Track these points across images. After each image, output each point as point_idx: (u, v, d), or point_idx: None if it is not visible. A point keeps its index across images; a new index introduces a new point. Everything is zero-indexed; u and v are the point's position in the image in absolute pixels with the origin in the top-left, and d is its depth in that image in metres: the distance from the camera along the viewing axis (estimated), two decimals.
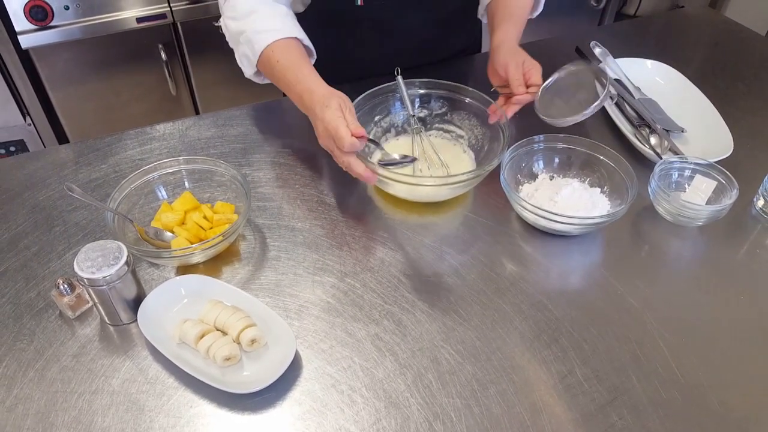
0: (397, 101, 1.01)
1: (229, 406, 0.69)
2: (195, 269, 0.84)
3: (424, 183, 0.90)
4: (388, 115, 1.02)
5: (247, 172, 0.99)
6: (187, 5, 1.79)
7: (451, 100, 1.01)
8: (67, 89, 1.85)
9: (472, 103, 0.99)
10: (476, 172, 0.86)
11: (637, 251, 0.88)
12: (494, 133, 0.96)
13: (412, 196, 0.92)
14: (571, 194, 0.90)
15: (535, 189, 0.93)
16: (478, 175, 0.87)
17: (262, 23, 0.91)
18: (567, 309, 0.79)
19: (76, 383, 0.71)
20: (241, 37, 0.93)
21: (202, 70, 1.95)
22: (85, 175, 0.99)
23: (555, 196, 0.90)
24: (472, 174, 0.86)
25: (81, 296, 0.77)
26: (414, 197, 0.93)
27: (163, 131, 1.08)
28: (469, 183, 0.88)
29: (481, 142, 0.99)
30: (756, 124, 1.10)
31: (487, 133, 0.98)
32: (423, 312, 0.79)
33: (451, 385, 0.71)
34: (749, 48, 1.32)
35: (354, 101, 0.90)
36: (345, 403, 0.69)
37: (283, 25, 0.92)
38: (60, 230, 0.89)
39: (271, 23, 0.91)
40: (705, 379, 0.72)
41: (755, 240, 0.89)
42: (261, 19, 0.91)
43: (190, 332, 0.72)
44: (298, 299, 0.80)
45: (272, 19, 0.92)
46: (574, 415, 0.68)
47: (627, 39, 1.36)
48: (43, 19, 1.66)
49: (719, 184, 0.90)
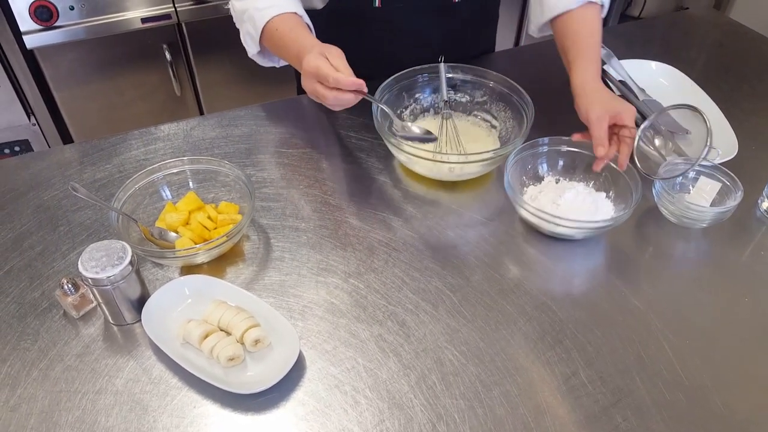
0: (427, 85, 1.06)
1: (232, 407, 0.69)
2: (199, 269, 0.84)
3: (443, 160, 0.92)
4: (419, 97, 1.07)
5: (251, 173, 0.99)
6: (192, 6, 1.79)
7: (492, 90, 1.04)
8: (72, 89, 1.85)
9: (511, 97, 1.01)
10: (496, 152, 0.89)
11: (642, 253, 0.87)
12: (522, 126, 0.98)
13: (431, 173, 0.96)
14: (575, 198, 0.90)
15: (540, 191, 0.93)
16: (494, 157, 0.90)
17: (264, 1, 0.94)
18: (571, 310, 0.79)
19: (79, 383, 0.71)
20: (245, 15, 0.97)
21: (206, 70, 1.96)
22: (89, 175, 0.99)
23: (558, 199, 0.90)
24: (489, 154, 0.89)
25: (85, 296, 0.78)
26: (433, 174, 0.96)
27: (168, 131, 1.08)
28: (489, 163, 0.92)
29: (511, 134, 1.02)
30: (760, 126, 1.09)
31: (516, 126, 1.00)
32: (427, 313, 0.79)
33: (455, 386, 0.71)
34: (754, 49, 1.32)
35: (384, 82, 0.99)
36: (348, 404, 0.69)
37: (283, 2, 0.95)
38: (64, 230, 0.90)
39: (272, 0, 0.94)
40: (709, 381, 0.72)
41: (759, 242, 0.89)
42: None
43: (194, 332, 0.72)
44: (301, 300, 0.80)
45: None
46: (577, 417, 0.68)
47: (631, 40, 1.35)
48: (48, 20, 1.66)
49: (724, 185, 0.90)
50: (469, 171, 0.94)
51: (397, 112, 1.05)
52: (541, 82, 1.06)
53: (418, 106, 1.07)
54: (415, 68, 1.04)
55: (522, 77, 1.02)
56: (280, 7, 0.94)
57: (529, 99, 0.97)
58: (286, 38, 0.92)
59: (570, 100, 0.92)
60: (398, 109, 1.05)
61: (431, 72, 1.05)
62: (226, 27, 1.86)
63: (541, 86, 1.01)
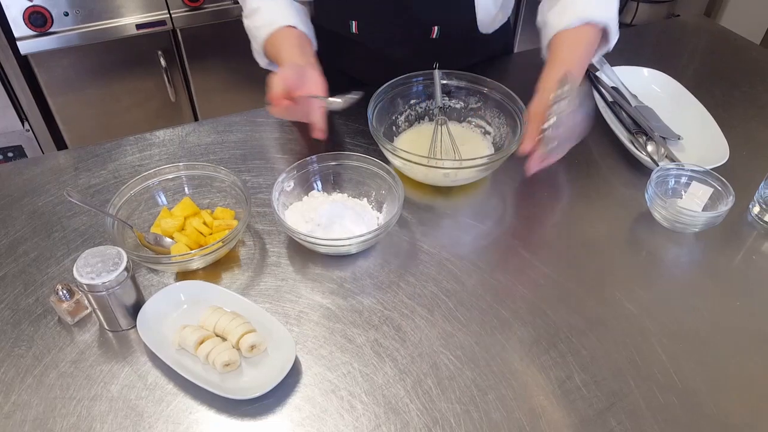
0: (422, 91, 1.07)
1: (228, 412, 0.69)
2: (194, 275, 0.84)
3: (439, 166, 0.92)
4: (413, 103, 1.07)
5: (246, 178, 1.00)
6: (187, 12, 1.80)
7: (486, 97, 1.05)
8: (66, 95, 1.85)
9: (505, 103, 1.02)
10: (490, 158, 0.90)
11: (635, 257, 0.88)
12: (515, 130, 0.99)
13: (426, 179, 0.97)
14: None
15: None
16: (488, 163, 0.90)
17: (261, 19, 0.99)
18: (565, 315, 0.79)
19: (74, 389, 0.71)
20: (250, 34, 1.03)
21: (201, 76, 1.96)
22: (84, 180, 0.99)
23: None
24: (483, 160, 0.90)
25: (80, 302, 0.77)
26: (428, 180, 0.97)
27: (163, 137, 1.08)
28: (485, 168, 0.92)
29: (505, 140, 1.02)
30: (751, 131, 1.11)
31: (510, 133, 1.01)
32: (422, 318, 0.79)
33: (451, 390, 0.71)
34: (744, 56, 1.33)
35: (379, 89, 1.00)
36: (345, 409, 0.69)
37: (279, 17, 0.98)
38: (59, 236, 0.89)
39: (268, 18, 0.98)
40: (702, 385, 0.72)
41: (751, 246, 0.90)
42: (261, 15, 0.99)
43: (190, 338, 0.72)
44: (297, 305, 0.80)
45: (270, 14, 0.98)
46: (572, 421, 0.69)
47: (624, 47, 1.36)
48: (42, 26, 1.66)
49: (715, 190, 0.91)
50: (463, 177, 0.95)
51: (392, 118, 1.05)
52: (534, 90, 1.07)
53: (413, 113, 1.08)
54: (410, 75, 1.05)
55: (514, 84, 1.02)
56: (273, 24, 0.98)
57: (523, 105, 0.98)
58: (275, 58, 0.98)
59: None
60: (393, 114, 1.05)
61: (426, 78, 1.06)
62: (221, 33, 1.88)
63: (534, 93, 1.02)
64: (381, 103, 1.02)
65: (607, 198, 0.97)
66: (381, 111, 1.01)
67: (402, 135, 1.06)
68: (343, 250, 0.85)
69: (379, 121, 0.99)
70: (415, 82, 1.06)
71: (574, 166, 1.02)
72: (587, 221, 0.93)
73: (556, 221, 0.94)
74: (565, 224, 0.93)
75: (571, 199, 0.97)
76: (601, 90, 1.14)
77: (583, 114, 0.87)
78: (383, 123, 1.02)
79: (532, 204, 0.97)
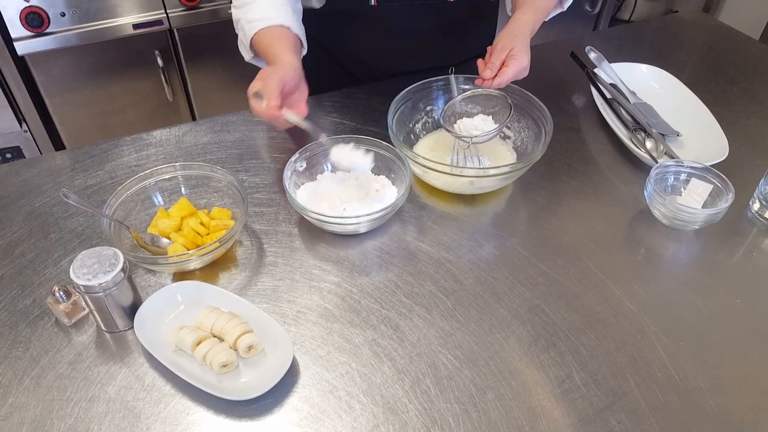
0: (441, 97, 1.05)
1: (226, 413, 0.69)
2: (192, 275, 0.84)
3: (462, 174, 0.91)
4: (430, 110, 1.06)
5: (243, 178, 0.99)
6: (184, 12, 1.79)
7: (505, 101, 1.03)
8: (64, 95, 1.85)
9: (525, 106, 1.00)
10: (513, 167, 0.89)
11: (634, 255, 0.88)
12: (539, 136, 0.97)
13: (449, 186, 0.96)
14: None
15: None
16: (511, 171, 0.89)
17: (254, 13, 0.98)
18: (564, 313, 0.79)
19: (72, 391, 0.71)
20: (238, 25, 1.01)
21: (198, 76, 1.95)
22: (81, 181, 0.99)
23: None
24: (507, 168, 0.89)
25: (77, 303, 0.77)
26: (452, 188, 0.96)
27: (160, 137, 1.08)
28: (506, 177, 0.91)
29: (526, 145, 1.01)
30: (750, 128, 1.10)
31: (533, 137, 0.99)
32: (420, 317, 0.79)
33: (449, 390, 0.71)
34: (743, 52, 1.33)
35: (398, 95, 0.99)
36: (343, 409, 0.69)
37: (275, 14, 0.97)
38: (56, 237, 0.89)
39: (262, 12, 0.97)
40: (702, 382, 0.72)
41: (751, 243, 0.90)
42: (255, 9, 0.98)
43: (187, 339, 0.72)
44: (295, 305, 0.80)
45: (265, 9, 0.97)
46: (572, 420, 0.68)
47: (622, 44, 1.36)
48: (39, 26, 1.66)
49: (715, 187, 0.91)
50: (487, 185, 0.93)
51: (409, 125, 1.04)
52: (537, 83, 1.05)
53: (430, 119, 1.06)
54: (428, 80, 1.03)
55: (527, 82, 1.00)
56: (267, 20, 0.96)
57: (546, 111, 0.95)
58: (266, 52, 0.96)
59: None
60: (410, 122, 1.04)
61: (445, 84, 1.04)
62: (218, 32, 1.88)
63: (537, 87, 1.01)
64: (400, 110, 1.00)
65: (606, 195, 0.97)
66: (400, 117, 1.00)
67: (420, 142, 1.05)
68: (350, 228, 0.86)
69: (399, 127, 0.99)
70: (435, 87, 1.04)
71: (573, 164, 1.02)
72: (586, 219, 0.93)
73: (554, 219, 0.94)
74: (564, 222, 0.93)
75: (570, 196, 0.97)
76: (599, 87, 1.13)
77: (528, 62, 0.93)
78: (403, 129, 1.01)
79: (530, 202, 0.96)
